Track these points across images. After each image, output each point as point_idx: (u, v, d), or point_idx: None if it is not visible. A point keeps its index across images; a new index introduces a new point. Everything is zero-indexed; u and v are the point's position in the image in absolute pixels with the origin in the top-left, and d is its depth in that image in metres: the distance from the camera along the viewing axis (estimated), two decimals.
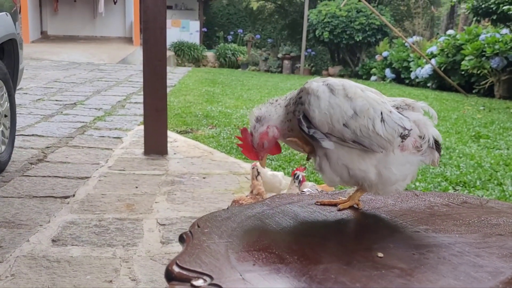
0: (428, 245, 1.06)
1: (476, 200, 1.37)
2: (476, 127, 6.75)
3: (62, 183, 3.77)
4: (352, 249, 1.02)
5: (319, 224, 1.16)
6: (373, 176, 1.27)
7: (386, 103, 1.29)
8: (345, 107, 1.25)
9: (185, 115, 6.75)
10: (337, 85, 1.29)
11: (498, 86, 10.39)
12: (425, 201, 1.38)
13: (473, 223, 1.21)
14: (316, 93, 1.28)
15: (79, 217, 3.13)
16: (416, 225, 1.19)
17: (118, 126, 5.90)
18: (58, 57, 14.33)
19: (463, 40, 11.10)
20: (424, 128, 1.29)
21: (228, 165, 4.52)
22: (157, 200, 3.50)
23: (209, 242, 0.96)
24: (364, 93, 1.28)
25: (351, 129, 1.24)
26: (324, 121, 1.26)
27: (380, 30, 15.63)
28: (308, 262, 0.91)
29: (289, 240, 1.05)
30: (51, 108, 6.82)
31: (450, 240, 1.09)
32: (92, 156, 4.57)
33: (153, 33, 4.59)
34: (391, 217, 1.25)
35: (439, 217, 1.24)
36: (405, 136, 1.26)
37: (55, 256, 2.58)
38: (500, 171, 4.61)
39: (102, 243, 2.77)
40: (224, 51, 18.17)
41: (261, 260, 0.91)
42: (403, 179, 1.29)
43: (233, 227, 1.06)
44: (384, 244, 1.04)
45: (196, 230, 1.01)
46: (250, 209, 1.21)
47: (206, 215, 1.11)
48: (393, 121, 1.25)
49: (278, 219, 1.16)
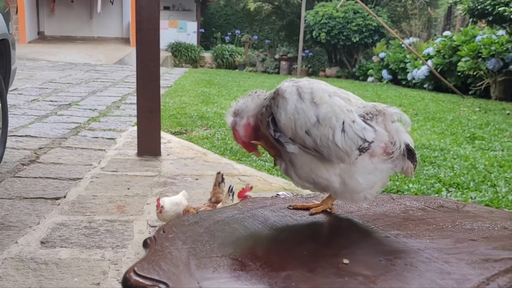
0: (396, 251, 1.03)
1: (453, 204, 1.35)
2: (472, 129, 6.75)
3: (53, 184, 3.75)
4: (318, 255, 0.99)
5: (289, 229, 1.13)
6: (337, 185, 1.24)
7: (353, 111, 1.24)
8: (309, 113, 1.21)
9: (180, 116, 6.73)
10: (306, 88, 1.24)
11: (494, 88, 10.39)
12: (400, 205, 1.35)
13: (446, 227, 1.18)
14: (284, 94, 1.24)
15: (69, 219, 3.11)
16: (388, 230, 1.17)
17: (112, 127, 5.88)
18: (55, 58, 14.30)
19: (460, 41, 11.11)
20: (395, 135, 1.25)
21: (221, 166, 4.50)
22: (149, 202, 3.49)
23: (171, 248, 0.93)
24: (331, 100, 1.22)
25: (312, 137, 1.21)
26: (288, 126, 1.22)
27: (377, 31, 15.63)
28: (270, 269, 0.89)
29: (255, 245, 1.03)
30: (45, 109, 6.80)
31: (420, 246, 1.06)
32: (85, 157, 4.55)
33: (146, 34, 4.57)
34: (364, 222, 1.22)
35: (413, 221, 1.22)
36: (364, 149, 1.21)
37: (43, 258, 2.56)
38: (494, 172, 4.60)
39: (91, 245, 2.75)
40: (221, 52, 18.17)
41: (222, 267, 0.88)
42: (370, 187, 1.25)
43: (200, 232, 1.03)
44: (352, 250, 1.02)
45: (161, 235, 0.99)
46: (220, 213, 1.18)
47: (173, 220, 1.08)
48: (353, 132, 1.20)
49: (247, 223, 1.13)
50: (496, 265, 0.98)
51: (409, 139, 1.28)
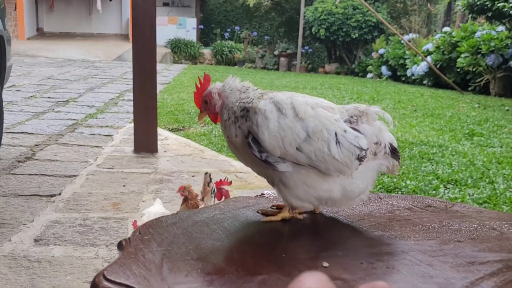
0: (379, 253, 1.00)
1: (441, 204, 1.31)
2: (470, 125, 6.72)
3: (49, 182, 3.73)
4: (297, 258, 0.96)
5: (270, 231, 1.09)
6: (338, 193, 1.20)
7: (340, 120, 1.19)
8: (297, 129, 1.15)
9: (178, 112, 6.71)
10: (285, 103, 1.18)
11: (494, 84, 10.35)
12: (387, 204, 1.31)
13: (433, 228, 1.15)
14: (264, 113, 1.17)
15: (64, 216, 3.09)
16: (372, 230, 1.13)
17: (110, 124, 5.86)
18: (54, 54, 14.26)
19: (459, 37, 11.07)
20: (379, 134, 1.22)
21: (218, 163, 4.48)
22: (144, 199, 3.47)
23: (145, 251, 0.90)
24: (315, 112, 1.18)
25: (305, 153, 1.15)
26: (275, 145, 1.16)
27: (376, 28, 15.58)
28: (245, 273, 0.86)
29: (233, 248, 1.00)
30: (42, 106, 6.77)
31: (404, 248, 1.03)
32: (81, 154, 4.53)
33: (142, 30, 4.54)
34: (348, 222, 1.19)
35: (399, 222, 1.18)
36: (363, 158, 1.17)
37: (36, 256, 2.55)
38: (492, 169, 4.58)
39: (85, 243, 2.73)
40: (221, 48, 18.12)
41: (196, 270, 0.85)
42: (365, 187, 1.23)
43: (177, 233, 1.00)
44: (332, 252, 0.99)
45: (136, 237, 0.96)
46: (199, 213, 1.15)
47: (151, 220, 1.05)
48: (348, 142, 1.16)
49: (227, 224, 1.10)
50: (481, 268, 0.95)
51: (391, 138, 1.25)
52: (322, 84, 11.39)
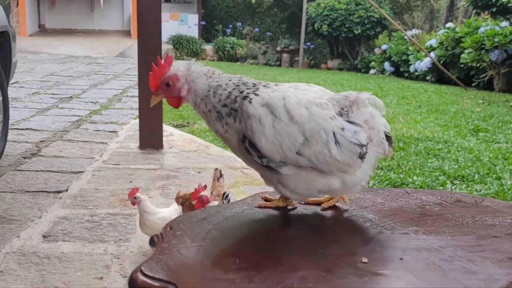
0: (417, 248, 0.97)
1: (470, 199, 1.29)
2: (475, 121, 6.70)
3: (55, 178, 3.73)
4: (334, 253, 0.94)
5: (301, 225, 1.08)
6: (338, 185, 1.18)
7: (336, 117, 1.16)
8: (294, 133, 1.12)
9: (182, 108, 6.67)
10: (278, 106, 1.14)
11: (498, 79, 10.32)
12: (416, 199, 1.29)
13: (466, 223, 1.13)
14: (257, 117, 1.13)
15: (71, 212, 3.08)
16: (406, 226, 1.11)
17: (114, 120, 5.85)
18: (56, 51, 14.24)
19: (463, 33, 11.02)
20: (371, 120, 1.20)
21: (224, 159, 4.47)
22: (151, 195, 3.46)
23: (180, 247, 0.88)
24: (309, 112, 1.14)
25: (306, 157, 1.13)
26: (274, 151, 1.13)
27: (379, 23, 15.52)
28: (284, 269, 0.84)
29: (266, 244, 0.98)
30: (46, 102, 6.76)
31: (441, 243, 1.01)
32: (86, 150, 4.52)
33: (147, 26, 4.53)
34: (379, 217, 1.17)
35: (431, 217, 1.16)
36: (364, 155, 1.16)
37: (45, 252, 2.54)
38: (499, 165, 4.56)
39: (93, 239, 2.73)
40: (222, 44, 18.06)
41: (234, 266, 0.83)
42: (365, 175, 1.21)
43: (208, 229, 0.98)
44: (369, 248, 0.96)
45: (168, 232, 0.93)
46: (229, 209, 1.13)
47: (181, 216, 1.04)
48: (348, 141, 1.14)
49: (257, 219, 1.09)
50: None
51: (384, 122, 1.23)
52: (325, 80, 11.36)
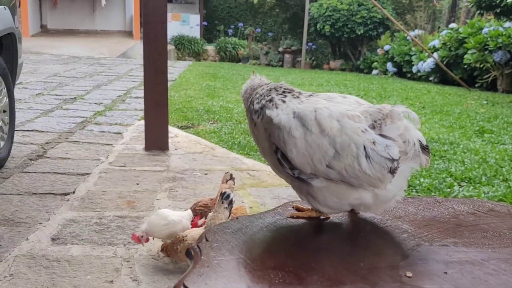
0: (459, 261, 0.95)
1: (503, 208, 1.27)
2: (480, 122, 6.68)
3: (62, 180, 3.72)
4: (376, 267, 0.91)
5: (337, 236, 1.06)
6: (370, 199, 1.17)
7: (368, 130, 1.14)
8: (324, 145, 1.11)
9: (186, 110, 6.69)
10: (310, 119, 1.14)
11: (501, 80, 10.30)
12: (448, 209, 1.27)
13: (504, 235, 1.10)
14: (288, 130, 1.14)
15: (79, 215, 3.07)
16: (443, 237, 1.08)
17: (119, 121, 5.84)
18: (58, 51, 14.24)
19: (466, 33, 11.00)
20: (407, 134, 1.17)
21: (230, 160, 4.46)
22: (159, 197, 3.45)
23: (219, 259, 0.87)
24: (341, 124, 1.13)
25: (336, 170, 1.12)
26: (305, 163, 1.13)
27: (381, 24, 15.52)
28: (329, 283, 0.82)
29: (307, 255, 0.96)
30: (51, 103, 6.76)
31: (482, 256, 0.99)
32: (92, 152, 4.51)
33: (153, 27, 4.52)
34: (415, 228, 1.15)
35: (467, 227, 1.14)
36: (396, 170, 1.13)
37: (55, 255, 2.53)
38: (506, 166, 4.55)
39: (102, 242, 2.72)
40: (224, 45, 18.06)
41: (278, 280, 0.81)
42: (399, 189, 1.20)
43: (245, 240, 0.97)
44: (410, 261, 0.94)
45: (205, 244, 0.92)
46: (261, 219, 1.12)
47: (215, 226, 1.02)
48: (379, 155, 1.12)
49: (291, 230, 1.07)
50: None
51: (419, 135, 1.21)
52: (328, 81, 11.35)
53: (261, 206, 3.39)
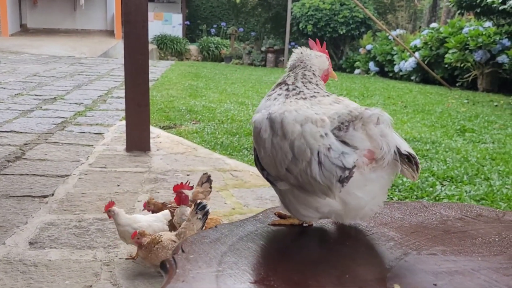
0: (449, 272, 0.92)
1: (491, 213, 1.24)
2: (461, 121, 6.73)
3: (40, 182, 3.64)
4: (363, 279, 0.87)
5: (321, 246, 1.02)
6: (339, 206, 1.12)
7: (328, 134, 1.09)
8: (285, 149, 1.10)
9: (168, 110, 6.62)
10: (277, 121, 1.12)
11: (482, 79, 10.41)
12: (435, 214, 1.23)
13: (494, 242, 1.07)
14: (259, 130, 1.14)
15: (58, 218, 3.01)
16: (431, 245, 1.05)
17: (100, 122, 5.76)
18: (38, 51, 14.04)
19: (447, 33, 11.10)
20: (380, 139, 1.10)
21: (213, 161, 4.42)
22: (140, 199, 3.39)
23: (195, 273, 0.82)
24: (303, 129, 1.10)
25: (293, 175, 1.10)
26: (270, 165, 1.13)
27: (363, 23, 15.58)
28: None
29: (289, 268, 0.92)
30: (30, 103, 6.64)
31: (473, 265, 0.96)
32: (72, 153, 4.44)
33: (134, 26, 4.45)
34: (402, 236, 1.11)
35: (455, 234, 1.11)
36: (346, 179, 1.07)
37: (32, 260, 2.47)
38: (487, 165, 4.58)
39: (82, 245, 2.66)
40: (207, 44, 17.99)
41: None
42: (373, 198, 1.13)
43: (223, 251, 0.92)
44: (398, 272, 0.90)
45: (180, 256, 0.87)
46: (241, 227, 1.08)
47: (192, 236, 0.97)
48: (331, 162, 1.07)
49: (273, 239, 1.03)
50: None
51: (400, 142, 1.13)
52: None
53: (244, 207, 3.36)
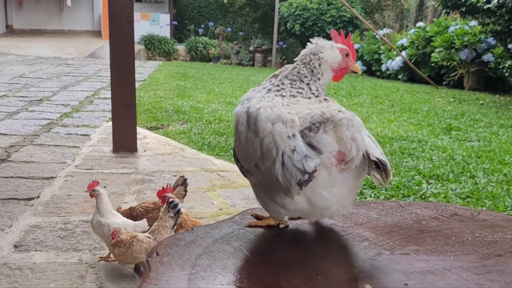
0: (420, 271, 0.92)
1: (466, 212, 1.25)
2: (447, 119, 6.79)
3: (26, 184, 3.62)
4: (335, 280, 0.88)
5: (295, 247, 1.02)
6: (305, 204, 1.13)
7: (296, 135, 1.10)
8: (256, 145, 1.12)
9: (156, 110, 6.61)
10: (252, 117, 1.14)
11: (467, 78, 10.50)
12: (411, 213, 1.24)
13: (467, 241, 1.08)
14: (237, 123, 1.17)
15: (44, 220, 2.99)
16: (405, 245, 1.06)
17: (86, 123, 5.73)
18: (24, 52, 13.93)
19: (433, 32, 11.18)
20: (350, 142, 1.10)
21: (200, 162, 4.42)
22: (126, 200, 3.38)
23: (168, 276, 0.81)
24: (273, 128, 1.11)
25: (261, 172, 1.12)
26: (243, 157, 1.16)
27: (351, 23, 15.65)
28: None
29: (263, 270, 0.91)
30: (15, 105, 6.59)
31: (444, 264, 0.96)
32: (58, 155, 4.41)
33: (119, 27, 4.44)
34: (376, 236, 1.11)
35: (429, 233, 1.11)
36: (305, 183, 1.08)
37: (17, 263, 2.45)
38: (472, 163, 4.62)
39: (67, 248, 2.65)
40: (195, 44, 17.96)
41: None
42: (340, 199, 1.14)
43: (198, 253, 0.92)
44: (370, 272, 0.91)
45: (155, 259, 0.86)
46: (217, 229, 1.08)
47: (167, 238, 0.97)
48: (292, 164, 1.08)
49: (249, 241, 1.03)
50: None
51: (371, 147, 1.12)
52: None
53: (231, 208, 3.36)
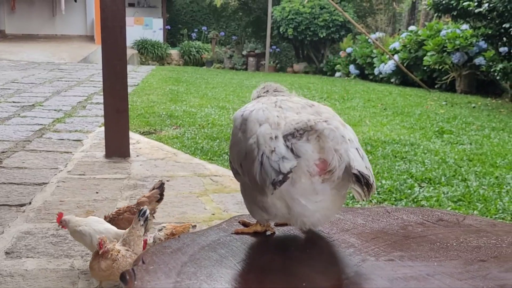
0: (404, 277, 0.93)
1: (452, 217, 1.26)
2: (440, 123, 6.82)
3: (17, 190, 3.60)
4: (319, 286, 0.88)
5: (282, 254, 1.02)
6: (284, 210, 1.14)
7: (278, 137, 1.12)
8: (242, 146, 1.17)
9: (148, 115, 6.60)
10: (244, 118, 1.20)
11: (459, 81, 10.56)
12: (397, 219, 1.25)
13: (451, 246, 1.09)
14: (233, 125, 1.24)
15: (35, 227, 2.98)
16: (390, 251, 1.06)
17: (79, 128, 5.71)
18: (17, 57, 13.89)
19: (425, 35, 11.25)
20: (332, 153, 1.09)
21: (193, 166, 4.41)
22: (119, 206, 3.37)
23: (153, 284, 0.81)
24: (259, 129, 1.14)
25: (244, 171, 1.17)
26: (232, 156, 1.22)
27: (343, 27, 15.70)
28: None
29: (248, 278, 0.91)
30: (7, 110, 6.57)
31: (428, 270, 0.97)
32: (50, 161, 4.39)
33: (112, 32, 4.44)
34: (362, 242, 1.12)
35: (414, 239, 1.12)
36: (278, 183, 1.08)
37: (8, 270, 2.44)
38: (464, 166, 4.64)
39: (59, 254, 2.64)
40: (188, 48, 17.98)
41: None
42: (319, 209, 1.13)
43: (184, 261, 0.92)
44: (355, 278, 0.92)
45: (140, 267, 0.86)
46: (204, 236, 1.08)
47: (153, 247, 0.98)
48: (269, 164, 1.09)
49: (235, 248, 1.04)
50: None
51: (355, 159, 1.10)
52: (291, 84, 11.39)
53: (224, 212, 3.36)
